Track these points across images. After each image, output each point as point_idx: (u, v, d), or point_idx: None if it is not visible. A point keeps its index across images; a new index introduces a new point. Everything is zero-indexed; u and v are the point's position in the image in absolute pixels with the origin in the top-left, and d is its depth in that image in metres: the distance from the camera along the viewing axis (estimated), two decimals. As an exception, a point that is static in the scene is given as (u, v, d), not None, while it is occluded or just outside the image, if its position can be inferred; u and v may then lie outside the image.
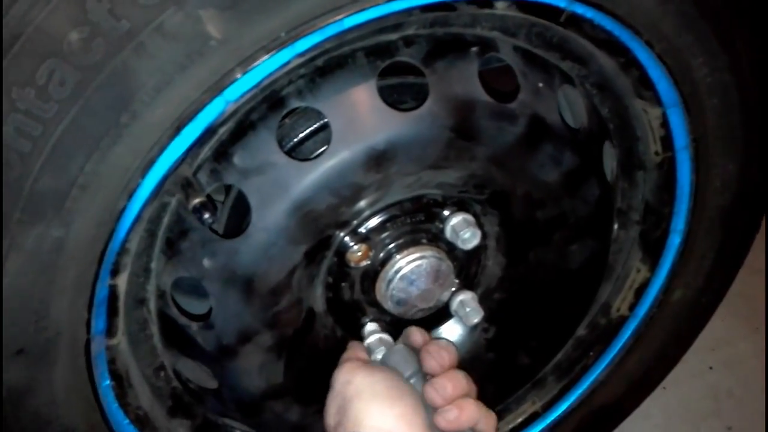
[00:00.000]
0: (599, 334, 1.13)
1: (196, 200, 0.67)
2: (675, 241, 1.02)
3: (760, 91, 0.89)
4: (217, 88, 0.61)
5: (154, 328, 0.81)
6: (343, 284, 0.86)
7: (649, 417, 1.48)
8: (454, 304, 0.93)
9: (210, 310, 0.77)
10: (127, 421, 0.80)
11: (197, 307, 0.81)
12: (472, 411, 0.70)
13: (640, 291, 1.08)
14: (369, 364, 0.73)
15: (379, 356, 0.82)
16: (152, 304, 0.79)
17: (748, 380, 1.62)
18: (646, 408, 1.29)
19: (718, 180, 0.96)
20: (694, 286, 1.08)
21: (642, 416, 1.36)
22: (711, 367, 1.65)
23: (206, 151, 0.72)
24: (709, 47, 0.82)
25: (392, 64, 0.75)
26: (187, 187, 0.69)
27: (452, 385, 0.71)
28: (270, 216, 0.72)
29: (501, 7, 0.72)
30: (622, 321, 1.11)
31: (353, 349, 0.79)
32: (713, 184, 0.96)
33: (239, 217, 0.78)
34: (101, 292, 0.69)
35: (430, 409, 0.70)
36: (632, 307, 1.10)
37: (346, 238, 0.81)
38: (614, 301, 1.11)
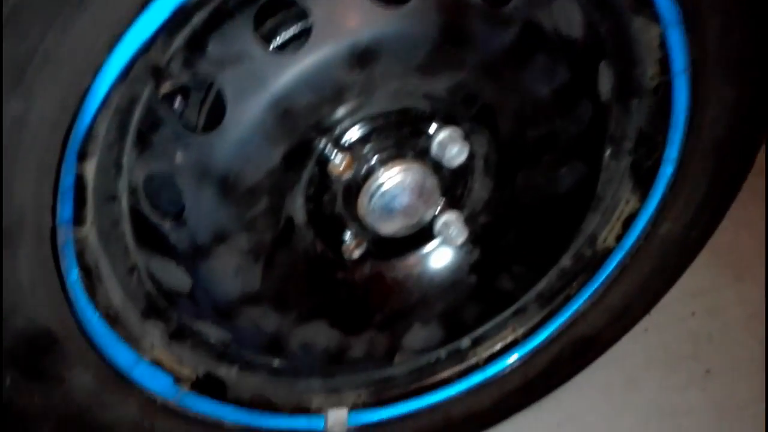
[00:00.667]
0: (584, 264, 1.12)
1: (167, 87, 0.64)
2: (667, 171, 1.00)
3: (763, 11, 0.85)
4: (188, -38, 0.57)
5: (127, 226, 0.79)
6: (324, 196, 0.84)
7: (628, 357, 1.49)
8: (438, 225, 0.92)
9: (183, 207, 0.75)
10: (97, 316, 0.79)
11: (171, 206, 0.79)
12: None
13: (628, 222, 1.07)
14: None
15: None
16: (124, 201, 0.77)
17: (729, 327, 1.62)
18: (624, 348, 1.30)
19: (715, 108, 0.93)
20: (683, 220, 1.06)
21: (622, 356, 1.37)
22: (693, 313, 1.65)
23: (179, 39, 0.68)
24: (715, -40, 0.78)
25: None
26: (158, 74, 0.66)
27: None
28: (246, 110, 0.70)
29: None
30: (608, 252, 1.10)
31: None
32: (710, 113, 0.93)
33: (214, 111, 0.75)
34: (67, 178, 0.67)
35: None
36: (619, 239, 1.08)
37: (328, 146, 0.79)
38: (601, 233, 1.10)
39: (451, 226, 0.93)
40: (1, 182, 0.62)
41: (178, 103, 0.65)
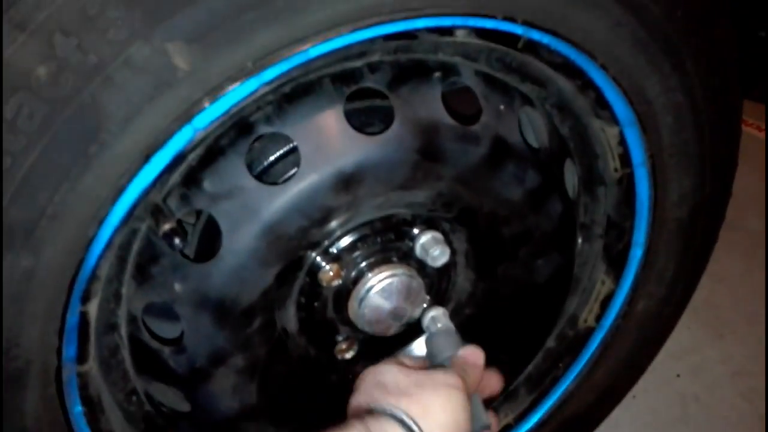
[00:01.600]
0: (568, 345, 1.16)
1: (166, 226, 0.68)
2: (637, 253, 1.05)
3: (711, 108, 0.93)
4: (185, 117, 0.62)
5: (126, 353, 0.81)
6: (315, 304, 0.87)
7: (618, 426, 1.51)
8: (426, 320, 0.95)
9: (182, 333, 0.78)
10: (100, 447, 0.80)
11: (169, 331, 0.82)
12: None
13: (606, 302, 1.11)
14: (469, 398, 0.72)
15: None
16: (123, 330, 0.79)
17: (714, 387, 1.66)
18: (615, 417, 1.32)
19: (675, 194, 0.99)
20: (657, 297, 1.11)
21: (611, 425, 1.39)
22: (678, 375, 1.69)
23: (176, 176, 0.73)
24: (660, 68, 0.85)
25: (358, 89, 0.77)
26: (157, 213, 0.70)
27: None
28: (240, 239, 0.74)
29: (461, 35, 0.75)
30: (590, 332, 1.14)
31: (474, 365, 0.79)
32: (671, 198, 1.00)
33: (210, 240, 0.79)
34: (72, 319, 0.70)
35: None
36: (598, 318, 1.13)
37: (318, 258, 0.83)
38: (581, 313, 1.14)
39: (438, 321, 0.96)
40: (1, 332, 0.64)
41: (176, 238, 0.69)
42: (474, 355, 0.80)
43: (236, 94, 0.64)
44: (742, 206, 1.16)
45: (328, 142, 0.74)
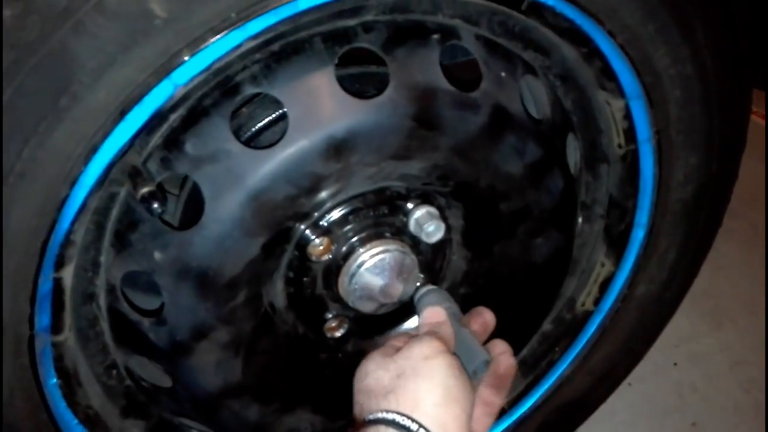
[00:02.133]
0: (565, 328, 1.13)
1: (145, 189, 0.64)
2: (639, 234, 1.02)
3: (721, 82, 0.89)
4: (163, 71, 0.58)
5: (104, 325, 0.77)
6: (304, 279, 0.84)
7: (614, 413, 1.49)
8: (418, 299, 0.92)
9: (162, 305, 0.74)
10: (76, 421, 0.77)
11: (150, 303, 0.78)
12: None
13: (605, 285, 1.08)
14: (450, 353, 0.70)
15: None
16: (102, 300, 0.76)
17: (712, 376, 1.64)
18: (611, 404, 1.30)
19: (681, 173, 0.96)
20: (658, 280, 1.08)
21: (607, 413, 1.36)
22: (676, 363, 1.66)
23: (156, 138, 0.69)
24: (670, 38, 0.81)
25: (353, 53, 0.73)
26: (136, 176, 0.66)
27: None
28: (224, 206, 0.70)
29: (462, -7, 0.71)
30: (587, 315, 1.11)
31: (443, 328, 0.75)
32: (676, 177, 0.96)
33: (195, 208, 0.75)
34: (45, 285, 0.66)
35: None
36: (597, 302, 1.10)
37: (307, 231, 0.79)
38: (579, 296, 1.11)
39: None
40: (-25, 295, 0.61)
41: (154, 203, 0.65)
42: (434, 313, 0.78)
43: (219, 47, 0.61)
44: (743, 194, 1.12)
45: (318, 105, 0.71)
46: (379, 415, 0.63)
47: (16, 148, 0.55)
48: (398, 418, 0.62)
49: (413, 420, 0.62)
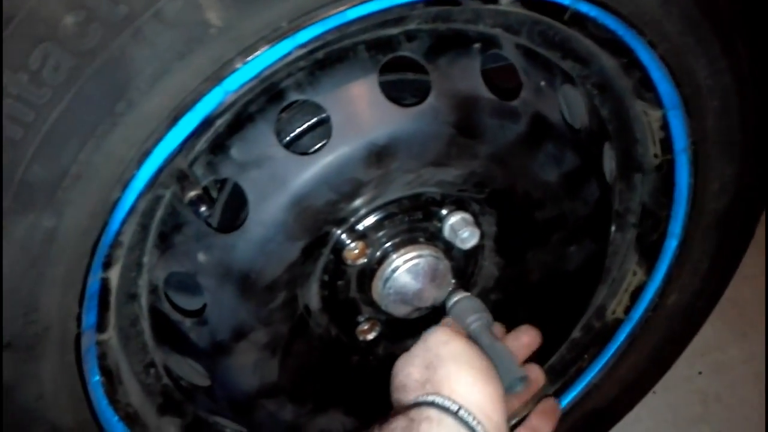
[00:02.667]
0: (594, 336, 1.13)
1: (192, 193, 0.66)
2: (672, 244, 1.02)
3: (759, 94, 0.89)
4: (216, 78, 0.59)
5: (145, 324, 0.79)
6: (339, 282, 0.85)
7: (638, 421, 1.48)
8: (450, 304, 0.92)
9: (204, 305, 0.75)
10: (116, 418, 0.78)
11: (188, 304, 0.80)
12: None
13: (636, 294, 1.08)
14: (466, 337, 0.72)
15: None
16: (144, 299, 0.77)
17: (736, 385, 1.62)
18: (635, 412, 1.29)
19: (716, 183, 0.96)
20: (689, 290, 1.08)
21: (631, 421, 1.35)
22: (700, 372, 1.65)
23: (202, 143, 0.70)
24: (710, 49, 0.81)
25: (394, 60, 0.74)
26: (183, 179, 0.68)
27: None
28: (268, 210, 0.71)
29: (505, 3, 0.71)
30: (617, 324, 1.11)
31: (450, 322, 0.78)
32: (711, 188, 0.96)
33: (234, 211, 0.76)
34: (93, 285, 0.67)
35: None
36: (627, 310, 1.09)
37: (343, 236, 0.80)
38: (609, 304, 1.11)
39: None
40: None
41: (201, 206, 0.66)
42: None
43: (269, 56, 0.62)
44: (769, 204, 1.12)
45: (361, 112, 0.71)
46: (420, 398, 0.64)
47: (73, 151, 0.57)
48: (438, 399, 0.63)
49: (453, 401, 0.62)
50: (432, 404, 0.63)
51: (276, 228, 0.72)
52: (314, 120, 0.80)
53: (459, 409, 0.62)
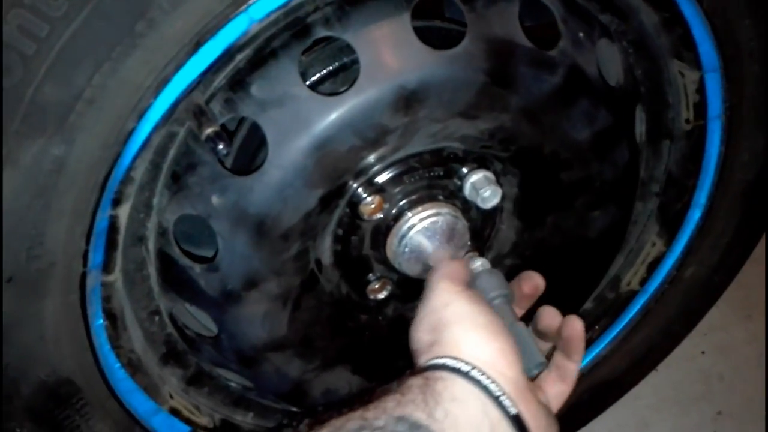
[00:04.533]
0: (606, 308, 1.10)
1: (210, 129, 0.61)
2: (695, 215, 0.99)
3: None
4: (242, 2, 0.55)
5: (152, 269, 0.75)
6: (353, 237, 0.81)
7: (639, 398, 1.46)
8: (466, 267, 0.89)
9: (216, 251, 0.72)
10: (119, 364, 0.75)
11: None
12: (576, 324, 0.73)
13: (653, 266, 1.05)
14: (468, 290, 0.69)
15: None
16: (151, 243, 0.74)
17: (739, 366, 1.61)
18: (637, 389, 1.27)
19: (746, 153, 0.93)
20: (708, 263, 1.05)
21: (633, 397, 1.34)
22: (703, 352, 1.64)
23: (221, 78, 0.66)
24: (758, 9, 0.78)
25: (429, 7, 0.70)
26: (200, 115, 0.63)
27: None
28: (288, 153, 0.67)
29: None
30: (632, 296, 1.09)
31: (453, 266, 0.74)
32: (741, 158, 0.93)
33: (250, 154, 0.72)
34: (101, 222, 0.64)
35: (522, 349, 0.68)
36: (643, 282, 1.07)
37: (360, 189, 0.77)
38: (625, 275, 1.08)
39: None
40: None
41: (220, 143, 0.62)
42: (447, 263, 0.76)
43: (299, -18, 0.57)
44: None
45: (392, 53, 0.67)
46: (430, 362, 0.62)
47: (87, 73, 0.53)
48: (448, 361, 0.61)
49: (464, 361, 0.60)
50: (443, 367, 0.61)
51: (295, 173, 0.68)
52: (339, 64, 0.76)
53: (471, 369, 0.60)
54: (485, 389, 0.59)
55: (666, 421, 1.51)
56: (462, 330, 0.64)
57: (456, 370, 0.60)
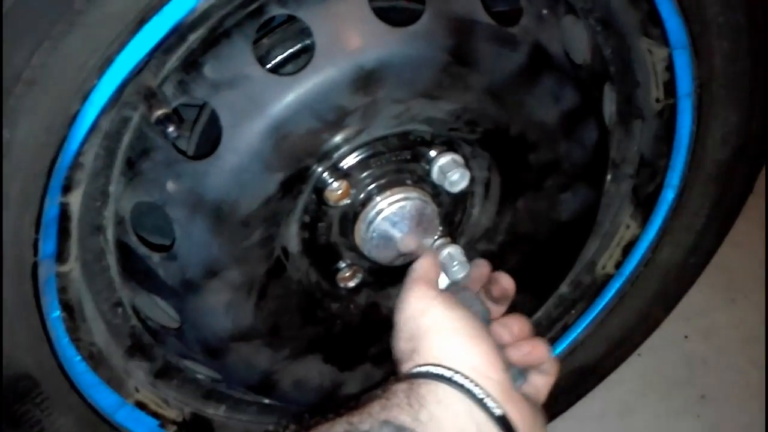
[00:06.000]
0: (582, 292, 1.10)
1: (159, 111, 0.60)
2: (668, 196, 0.98)
3: (771, 36, 0.84)
4: (187, -22, 0.53)
5: (112, 259, 0.74)
6: (320, 224, 0.80)
7: (622, 382, 1.46)
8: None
9: (173, 239, 0.70)
10: (78, 357, 0.73)
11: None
12: (541, 348, 0.70)
13: (628, 248, 1.05)
14: (442, 294, 0.70)
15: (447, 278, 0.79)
16: (110, 232, 0.72)
17: (722, 350, 1.61)
18: (620, 373, 1.27)
19: (719, 132, 0.91)
20: (683, 245, 1.04)
21: (616, 381, 1.33)
22: (686, 336, 1.64)
23: (174, 60, 0.64)
24: (724, -18, 0.76)
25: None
26: (150, 97, 0.62)
27: (518, 325, 0.71)
28: (243, 136, 0.66)
29: None
30: (607, 279, 1.08)
31: (424, 267, 0.74)
32: (713, 137, 0.92)
33: (212, 139, 0.71)
34: (51, 210, 0.62)
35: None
36: (618, 265, 1.06)
37: (326, 174, 0.75)
38: (600, 259, 1.07)
39: (455, 259, 0.89)
40: (-23, 215, 0.57)
41: (170, 126, 0.61)
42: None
43: (247, -45, 0.56)
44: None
45: (348, 31, 0.66)
46: (413, 370, 0.62)
47: (26, 53, 0.51)
48: (431, 369, 0.61)
49: (445, 368, 0.60)
50: (426, 374, 0.61)
51: (251, 156, 0.66)
52: (298, 47, 0.74)
53: (453, 374, 0.60)
54: (469, 393, 0.59)
55: (650, 405, 1.50)
56: (441, 337, 0.64)
57: (439, 377, 0.60)
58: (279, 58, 0.74)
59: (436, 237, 0.85)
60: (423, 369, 0.62)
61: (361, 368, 0.94)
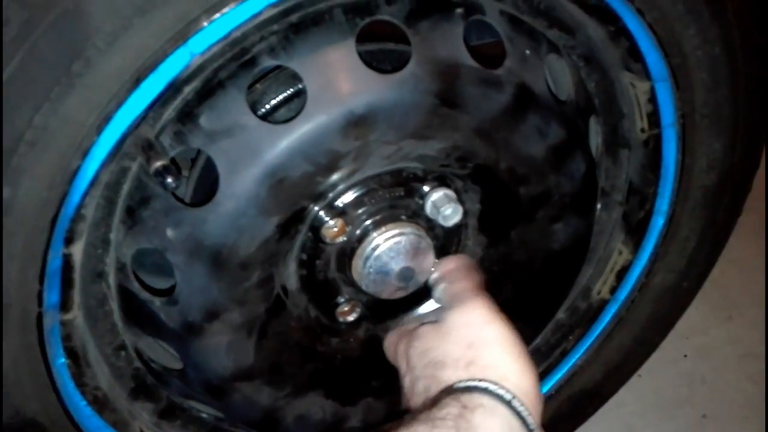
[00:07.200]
0: (579, 317, 1.11)
1: (158, 163, 0.62)
2: (658, 222, 1.00)
3: (749, 66, 0.86)
4: (180, 37, 0.56)
5: (114, 304, 0.75)
6: (317, 261, 0.82)
7: (623, 405, 1.47)
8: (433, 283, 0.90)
9: (174, 284, 0.72)
10: (84, 402, 0.75)
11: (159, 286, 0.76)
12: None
13: (622, 274, 1.06)
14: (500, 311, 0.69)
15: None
16: (111, 278, 0.74)
17: (721, 368, 1.62)
18: (621, 395, 1.27)
19: (704, 159, 0.94)
20: (676, 269, 1.06)
21: (617, 404, 1.34)
22: (685, 355, 1.64)
23: (170, 111, 0.66)
24: (700, 17, 0.79)
25: (374, 30, 0.71)
26: (149, 149, 0.64)
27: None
28: (240, 183, 0.68)
29: (489, -34, 0.68)
30: (603, 304, 1.09)
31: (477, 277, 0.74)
32: (699, 164, 0.94)
33: (208, 186, 0.73)
34: (54, 261, 0.64)
35: None
36: (613, 291, 1.07)
37: (322, 212, 0.77)
38: (595, 284, 1.09)
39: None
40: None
41: (168, 177, 0.62)
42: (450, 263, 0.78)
43: (237, 14, 0.58)
44: (753, 187, 1.10)
45: (338, 79, 0.68)
46: (471, 383, 0.61)
47: (27, 115, 0.53)
48: (491, 387, 0.60)
49: (506, 389, 0.59)
50: (485, 391, 0.60)
51: (248, 201, 0.68)
52: (290, 92, 0.77)
53: (513, 398, 0.59)
54: (523, 422, 0.58)
55: (651, 426, 1.51)
56: (506, 354, 0.63)
57: (499, 397, 0.59)
58: (272, 102, 0.77)
59: (432, 270, 0.86)
60: (482, 384, 0.60)
61: (363, 402, 0.95)
